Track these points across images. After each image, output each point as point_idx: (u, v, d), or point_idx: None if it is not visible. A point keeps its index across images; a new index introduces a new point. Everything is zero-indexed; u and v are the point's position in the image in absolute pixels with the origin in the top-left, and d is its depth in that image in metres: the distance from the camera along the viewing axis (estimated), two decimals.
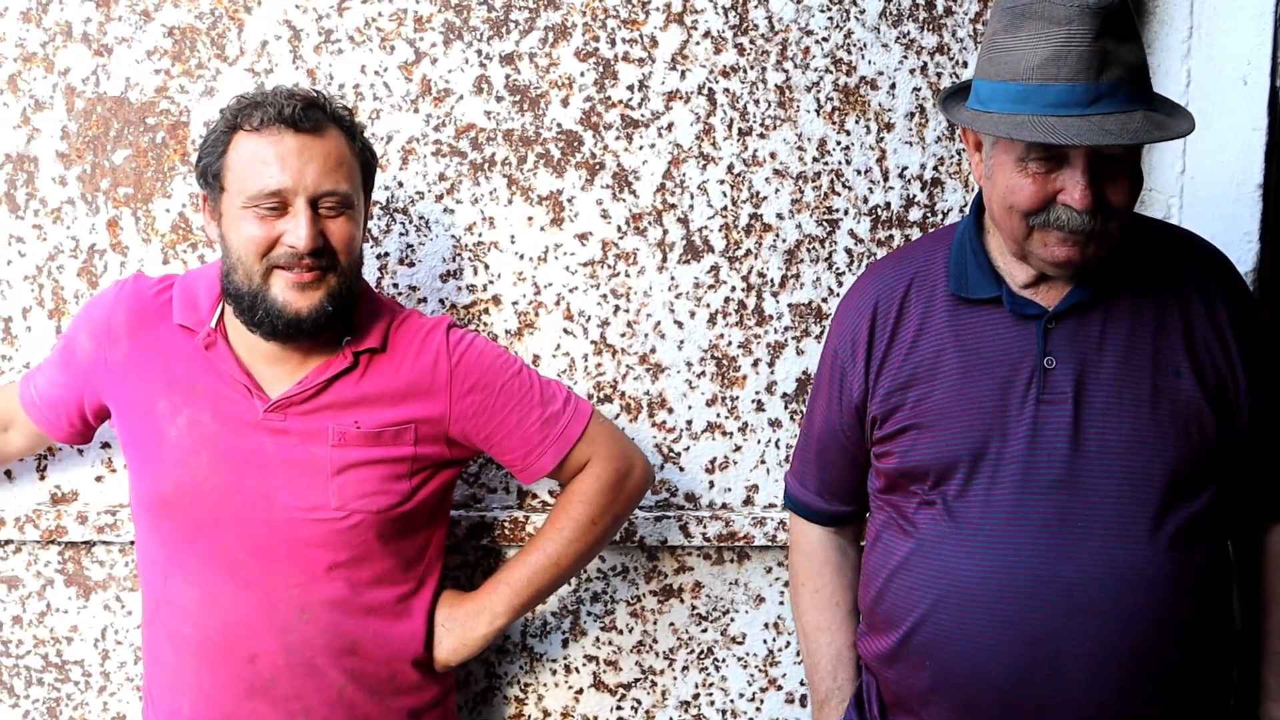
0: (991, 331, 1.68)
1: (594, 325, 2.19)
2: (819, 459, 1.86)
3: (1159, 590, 1.59)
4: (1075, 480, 1.61)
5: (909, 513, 1.71)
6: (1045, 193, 1.56)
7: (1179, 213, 2.24)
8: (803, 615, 1.91)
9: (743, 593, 2.25)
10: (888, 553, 1.74)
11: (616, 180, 2.17)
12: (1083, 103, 1.51)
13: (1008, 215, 1.60)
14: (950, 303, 1.71)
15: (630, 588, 2.25)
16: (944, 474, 1.66)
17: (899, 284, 1.76)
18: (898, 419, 1.71)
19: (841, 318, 1.82)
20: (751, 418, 2.22)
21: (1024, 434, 1.63)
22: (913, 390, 1.70)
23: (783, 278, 2.20)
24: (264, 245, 1.76)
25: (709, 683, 2.27)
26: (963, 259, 1.72)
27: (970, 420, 1.65)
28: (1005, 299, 1.67)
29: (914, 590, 1.68)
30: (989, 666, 1.61)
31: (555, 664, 2.26)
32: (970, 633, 1.62)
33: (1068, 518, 1.60)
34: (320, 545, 1.81)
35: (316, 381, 1.83)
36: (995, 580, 1.61)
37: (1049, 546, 1.60)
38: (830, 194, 2.19)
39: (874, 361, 1.74)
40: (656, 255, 2.18)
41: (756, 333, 2.20)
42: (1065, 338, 1.65)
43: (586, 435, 1.94)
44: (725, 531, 2.20)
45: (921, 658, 1.68)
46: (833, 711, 1.87)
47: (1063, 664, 1.59)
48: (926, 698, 1.69)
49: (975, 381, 1.66)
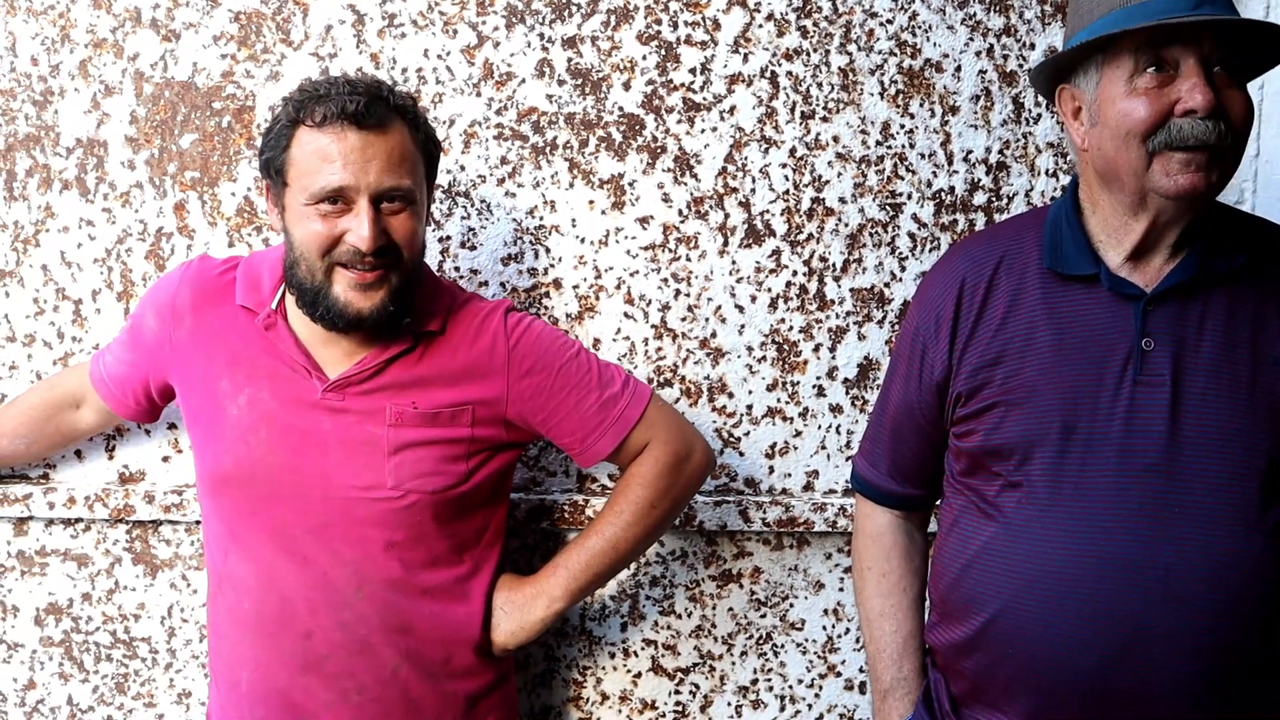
0: (1087, 310, 1.63)
1: (654, 309, 2.19)
2: (893, 439, 1.83)
3: (1254, 581, 1.55)
4: (1172, 465, 1.56)
5: (990, 496, 1.67)
6: (1161, 107, 1.51)
7: (1252, 197, 2.19)
8: (867, 601, 1.88)
9: (802, 579, 2.24)
10: (966, 537, 1.70)
11: (678, 164, 2.16)
12: (1186, 7, 1.49)
13: (1125, 147, 1.55)
14: (1044, 280, 1.66)
15: (689, 572, 2.24)
16: (1030, 452, 1.61)
17: (988, 262, 1.71)
18: (984, 396, 1.67)
19: (925, 295, 1.77)
20: (812, 403, 2.20)
21: (1120, 415, 1.58)
22: (1001, 366, 1.66)
23: (845, 262, 2.18)
24: (327, 243, 1.76)
25: (767, 668, 2.26)
26: (1058, 236, 1.67)
27: (1063, 398, 1.61)
28: (1103, 277, 1.62)
29: (998, 575, 1.64)
30: (1078, 654, 1.57)
31: (614, 647, 2.27)
32: (1060, 619, 1.58)
33: (1164, 503, 1.56)
34: (376, 524, 1.82)
35: (375, 362, 1.84)
36: (1088, 565, 1.57)
37: (1145, 531, 1.55)
38: (893, 178, 2.16)
39: (959, 338, 1.70)
40: (718, 239, 2.17)
41: (818, 317, 2.19)
42: (1164, 320, 1.60)
43: (645, 418, 1.94)
44: (785, 517, 2.19)
45: (1005, 645, 1.63)
46: (897, 703, 1.84)
47: (1154, 653, 1.55)
48: (1008, 687, 1.65)
49: (1069, 359, 1.62)
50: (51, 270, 2.19)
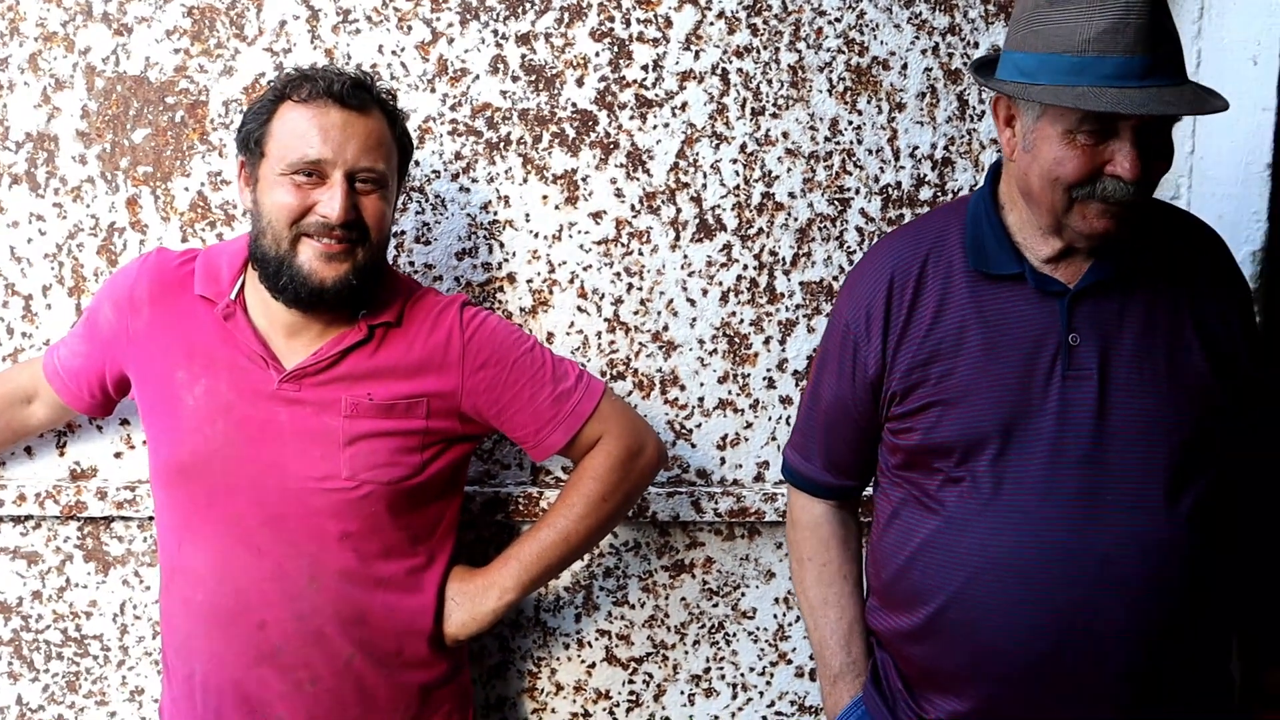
0: (1014, 307, 1.68)
1: (607, 303, 2.21)
2: (826, 433, 1.86)
3: (1180, 561, 1.61)
4: (1102, 455, 1.62)
5: (932, 490, 1.71)
6: (1093, 164, 1.57)
7: (1188, 192, 2.25)
8: (809, 591, 1.91)
9: (753, 568, 2.27)
10: (909, 530, 1.74)
11: (630, 159, 2.19)
12: (1138, 75, 1.52)
13: (1051, 188, 1.60)
14: (970, 278, 1.71)
15: (642, 563, 2.27)
16: (971, 450, 1.66)
17: (915, 259, 1.75)
18: (920, 395, 1.71)
19: (853, 291, 1.81)
20: (763, 395, 2.24)
21: (1052, 409, 1.64)
22: (935, 366, 1.70)
23: (794, 256, 2.21)
24: (297, 212, 1.79)
25: (720, 656, 2.30)
26: (979, 235, 1.71)
27: (998, 396, 1.66)
28: (1029, 275, 1.67)
29: (945, 567, 1.68)
30: (1027, 641, 1.62)
31: (568, 638, 2.29)
32: (1007, 608, 1.63)
33: (1096, 492, 1.61)
34: (331, 515, 1.83)
35: (331, 353, 1.85)
36: (1028, 554, 1.62)
37: (1081, 520, 1.61)
38: (842, 173, 2.20)
39: (891, 336, 1.74)
40: (670, 234, 2.20)
41: (768, 310, 2.22)
42: (1088, 315, 1.66)
43: (598, 413, 1.96)
44: (736, 507, 2.22)
45: (956, 634, 1.68)
46: (847, 685, 1.88)
47: (1098, 634, 1.60)
48: (959, 674, 1.69)
49: (1000, 358, 1.67)
50: (1, 266, 2.18)
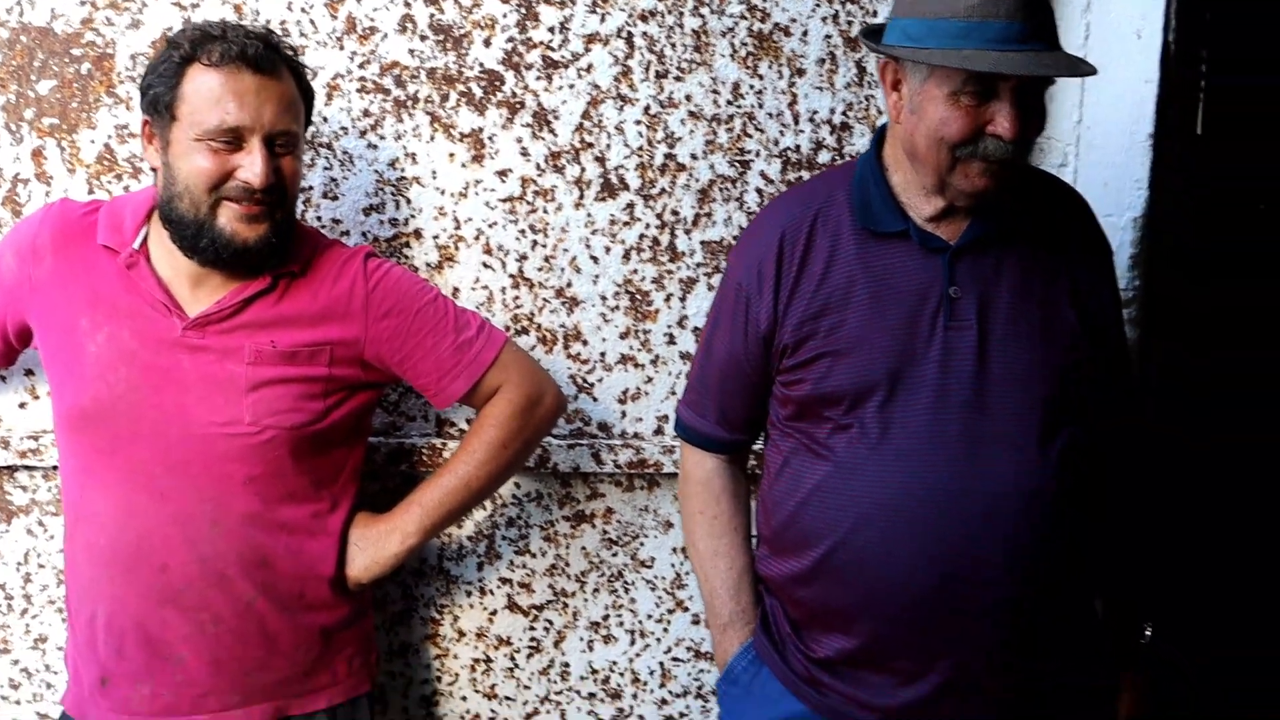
0: (899, 263, 1.76)
1: (512, 259, 2.26)
2: (720, 389, 1.93)
3: (1053, 500, 1.71)
4: (982, 400, 1.71)
5: (821, 438, 1.79)
6: (975, 124, 1.65)
7: (1075, 160, 2.34)
8: (700, 542, 1.98)
9: (652, 518, 2.34)
10: (799, 477, 1.81)
11: (536, 119, 2.23)
12: (1017, 39, 1.62)
13: (936, 147, 1.68)
14: (858, 236, 1.79)
15: (544, 513, 2.33)
16: (860, 398, 1.74)
17: (804, 218, 1.83)
18: (810, 347, 1.78)
19: (745, 250, 1.88)
20: (663, 350, 2.30)
21: (935, 357, 1.72)
22: (825, 319, 1.77)
23: (695, 216, 2.27)
24: (216, 178, 1.82)
25: (619, 604, 2.36)
26: (866, 195, 1.80)
27: (885, 346, 1.74)
28: (913, 233, 1.76)
29: (834, 511, 1.75)
30: (915, 577, 1.70)
31: (470, 586, 2.34)
32: (895, 548, 1.71)
33: (977, 435, 1.70)
34: (235, 460, 1.87)
35: (235, 301, 1.88)
36: (914, 495, 1.70)
37: (963, 462, 1.70)
38: (743, 136, 2.27)
39: (783, 292, 1.81)
40: (574, 192, 2.25)
41: (669, 269, 2.28)
42: (968, 269, 1.75)
43: (499, 362, 2.01)
44: (636, 459, 2.28)
45: (844, 574, 1.75)
46: (736, 633, 1.95)
47: (980, 570, 1.69)
48: (848, 612, 1.77)
49: (887, 310, 1.75)
50: None
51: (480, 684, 2.37)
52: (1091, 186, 2.32)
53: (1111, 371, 1.87)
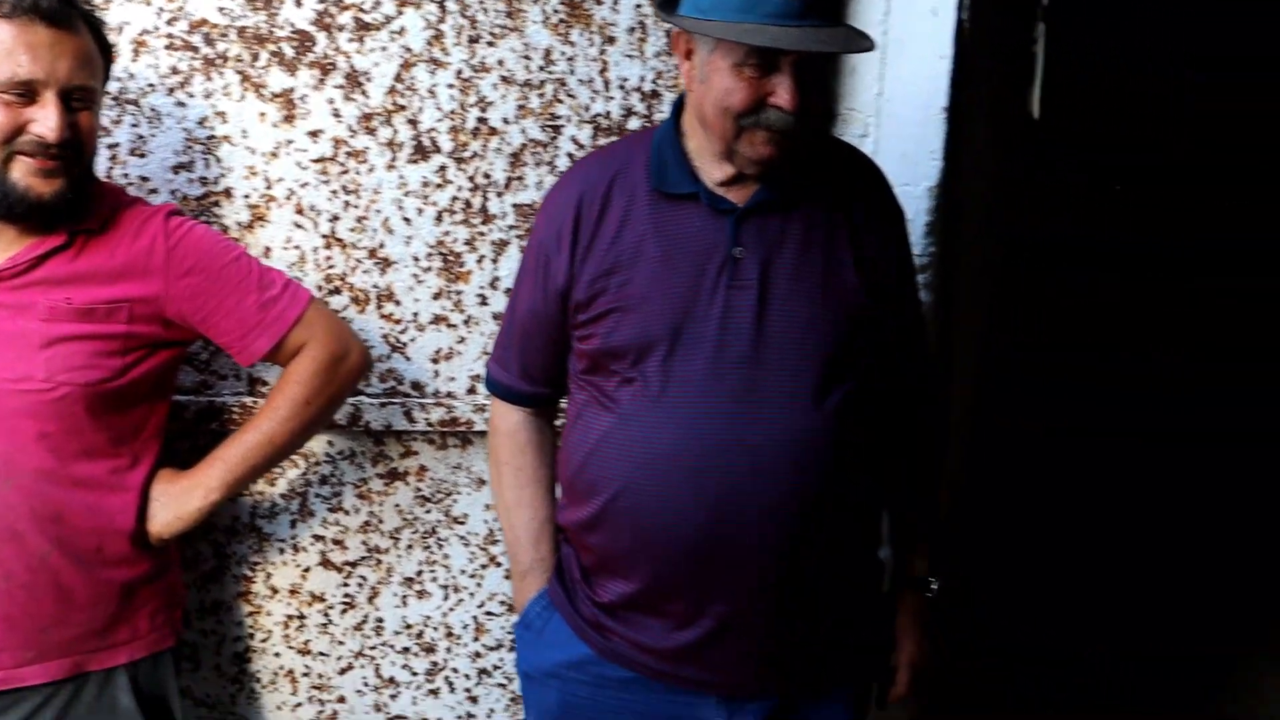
0: (689, 224, 1.83)
1: (324, 220, 2.28)
2: (522, 344, 1.99)
3: (823, 451, 1.79)
4: (758, 356, 1.79)
5: (610, 390, 1.85)
6: (757, 95, 1.72)
7: (876, 131, 2.44)
8: (505, 493, 2.04)
9: (465, 476, 2.39)
10: (589, 427, 1.88)
11: (349, 81, 2.25)
12: (797, 15, 1.68)
13: (722, 116, 1.75)
14: (652, 198, 1.85)
15: (357, 471, 2.36)
16: (644, 352, 1.81)
17: (602, 180, 1.89)
18: (601, 303, 1.85)
19: (547, 211, 1.94)
20: (475, 311, 2.34)
21: (716, 315, 1.79)
22: (616, 276, 1.84)
23: (507, 180, 2.32)
24: (8, 131, 1.80)
25: (432, 560, 2.41)
26: (663, 159, 1.86)
27: (669, 303, 1.81)
28: (702, 195, 1.83)
29: (616, 459, 1.82)
30: (684, 523, 1.78)
31: (283, 543, 2.37)
32: (667, 494, 1.78)
33: (751, 389, 1.78)
34: (28, 415, 1.86)
35: (29, 257, 1.88)
36: (689, 446, 1.77)
37: (735, 414, 1.77)
38: (554, 102, 2.31)
39: (579, 250, 1.87)
40: (386, 154, 2.28)
41: (482, 231, 2.32)
42: (753, 231, 1.82)
43: (304, 320, 2.04)
44: (448, 418, 2.33)
45: (624, 521, 1.82)
46: (534, 580, 2.02)
47: (746, 516, 1.76)
48: (629, 557, 1.84)
49: (674, 268, 1.82)
50: None
51: (294, 640, 2.40)
52: (890, 157, 2.43)
53: (903, 335, 1.98)
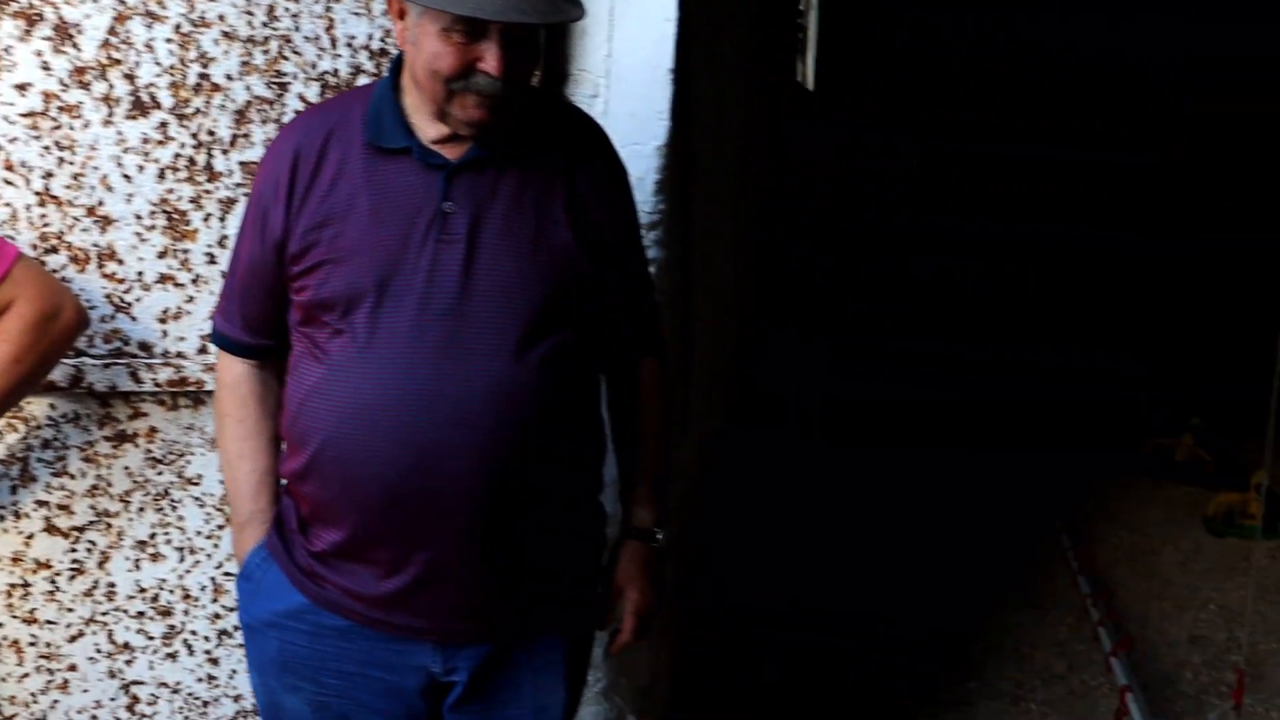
0: (402, 178, 1.86)
1: (37, 177, 2.22)
2: (243, 295, 1.99)
3: (528, 403, 1.84)
4: (463, 309, 1.82)
5: (321, 342, 1.87)
6: (466, 60, 1.76)
7: (606, 91, 2.51)
8: (227, 445, 2.04)
9: (199, 436, 2.37)
10: (302, 378, 1.90)
11: (58, 33, 2.19)
12: None
13: (431, 79, 1.79)
14: (366, 152, 1.88)
15: (82, 434, 2.31)
16: (352, 304, 1.83)
17: (319, 133, 1.91)
18: (313, 255, 1.86)
19: (265, 165, 1.95)
20: (204, 270, 2.32)
21: (424, 269, 1.83)
22: (328, 229, 1.86)
23: (233, 137, 2.30)
24: None
25: (166, 523, 2.38)
26: (379, 113, 1.89)
27: (378, 256, 1.83)
28: (415, 150, 1.86)
29: (324, 410, 1.85)
30: (386, 472, 1.81)
31: (3, 510, 2.30)
32: (371, 443, 1.81)
33: (455, 342, 1.82)
34: None
35: None
36: (392, 397, 1.80)
37: (438, 366, 1.81)
38: (279, 59, 2.30)
39: (295, 203, 1.88)
40: (102, 110, 2.23)
41: (207, 189, 2.30)
42: (464, 186, 1.86)
43: (10, 277, 1.99)
44: (178, 378, 2.31)
45: (331, 471, 1.85)
46: (254, 532, 2.02)
47: (449, 466, 1.80)
48: (336, 505, 1.87)
49: (384, 222, 1.84)
50: None
51: (18, 609, 2.34)
52: (619, 116, 2.51)
53: (627, 292, 2.05)
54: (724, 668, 3.99)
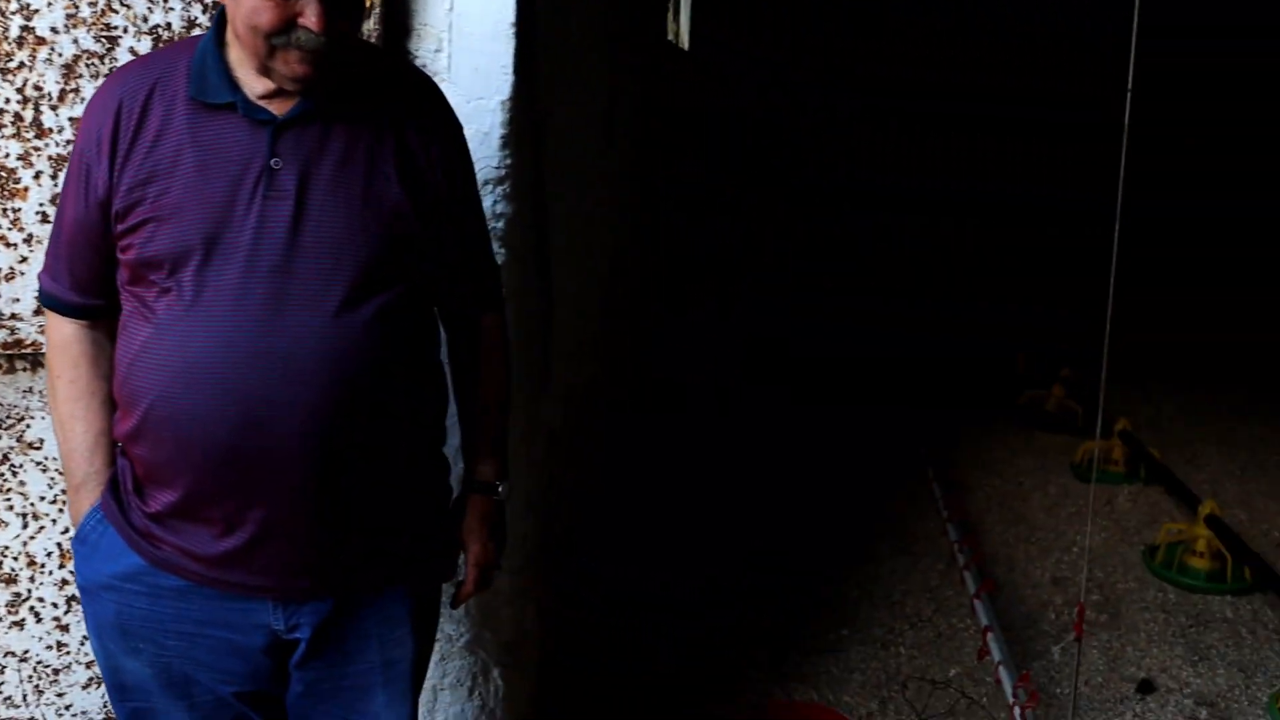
0: (228, 134, 1.84)
1: None
2: (69, 254, 1.94)
3: (357, 359, 1.83)
4: (291, 266, 1.81)
5: (149, 301, 1.85)
6: (285, 15, 1.75)
7: (449, 46, 2.49)
8: (59, 406, 2.00)
9: (38, 399, 2.32)
10: (131, 338, 1.87)
11: None
12: None
13: (251, 34, 1.77)
14: (190, 107, 1.85)
15: None
16: (179, 262, 1.81)
17: (141, 87, 1.87)
18: (138, 213, 1.84)
19: (87, 119, 1.90)
20: (37, 229, 2.26)
21: (251, 225, 1.81)
22: (152, 186, 1.83)
23: (61, 91, 2.24)
24: None
25: (7, 488, 2.34)
26: (204, 67, 1.86)
27: (204, 213, 1.81)
28: (240, 105, 1.84)
29: (152, 370, 1.82)
30: (217, 430, 1.79)
31: None
32: (199, 402, 1.79)
33: (282, 298, 1.81)
34: None
35: None
36: (220, 355, 1.79)
37: (266, 322, 1.80)
38: (108, 11, 2.25)
39: (118, 159, 1.85)
40: None
41: (37, 145, 2.24)
42: (292, 142, 1.84)
43: None
44: (12, 340, 2.25)
45: (161, 430, 1.83)
46: (89, 494, 1.99)
47: (279, 424, 1.80)
48: (168, 465, 1.85)
49: (210, 179, 1.82)
50: None
51: None
52: (463, 71, 2.50)
53: (465, 247, 2.05)
54: (592, 639, 4.02)
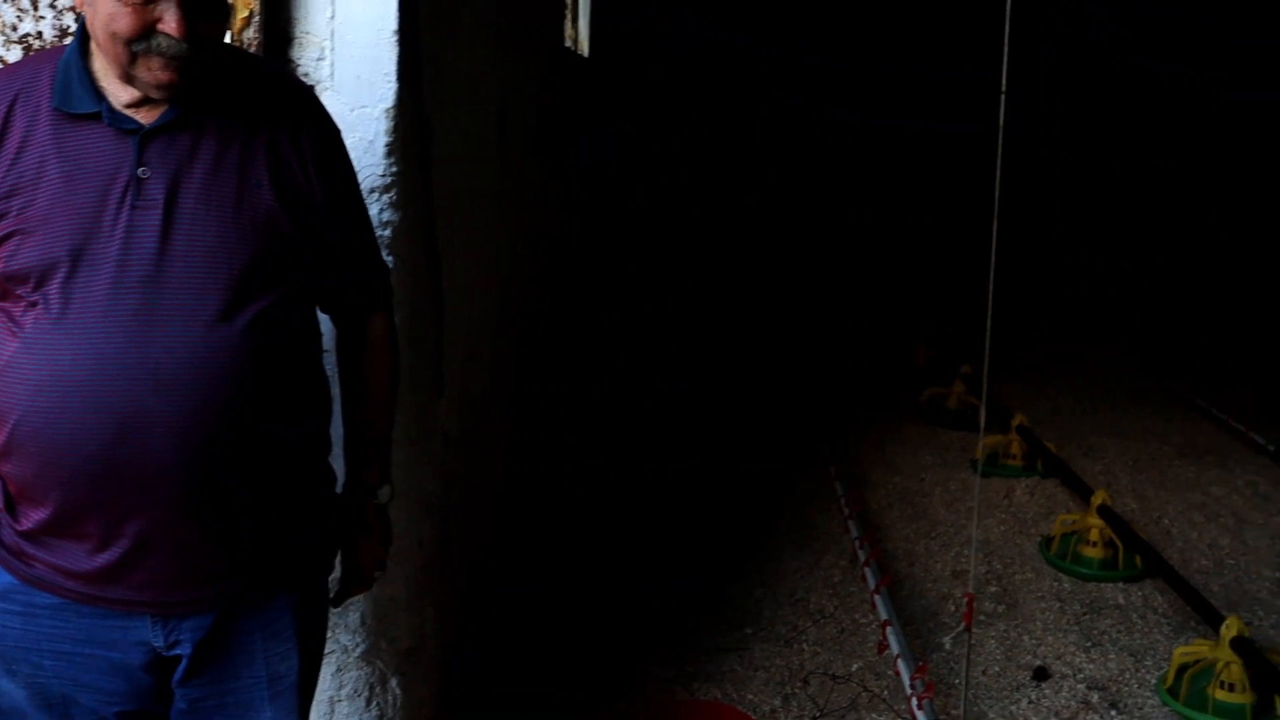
0: (93, 144, 1.81)
1: None
2: None
3: (232, 368, 1.81)
4: (162, 276, 1.79)
5: (17, 315, 1.81)
6: (145, 21, 1.73)
7: (331, 54, 2.48)
8: None
9: None
10: None
11: None
12: None
13: (111, 41, 1.75)
14: (54, 117, 1.82)
15: None
16: (45, 275, 1.78)
17: (3, 100, 1.83)
18: (3, 226, 1.80)
19: None
20: None
21: (120, 236, 1.78)
22: (16, 199, 1.80)
23: None
24: None
25: None
26: (68, 77, 1.83)
27: (70, 225, 1.78)
28: (105, 115, 1.81)
29: (19, 385, 1.79)
30: (87, 443, 1.76)
31: None
32: (68, 416, 1.76)
33: (155, 309, 1.78)
34: None
35: None
36: (89, 368, 1.76)
37: (137, 334, 1.77)
38: None
39: None
40: None
41: None
42: (159, 151, 1.82)
43: None
44: None
45: (29, 447, 1.79)
46: None
47: (152, 434, 1.77)
48: (38, 483, 1.81)
49: (76, 190, 1.79)
50: None
51: None
52: (346, 79, 2.49)
53: (347, 253, 2.05)
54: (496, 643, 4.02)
